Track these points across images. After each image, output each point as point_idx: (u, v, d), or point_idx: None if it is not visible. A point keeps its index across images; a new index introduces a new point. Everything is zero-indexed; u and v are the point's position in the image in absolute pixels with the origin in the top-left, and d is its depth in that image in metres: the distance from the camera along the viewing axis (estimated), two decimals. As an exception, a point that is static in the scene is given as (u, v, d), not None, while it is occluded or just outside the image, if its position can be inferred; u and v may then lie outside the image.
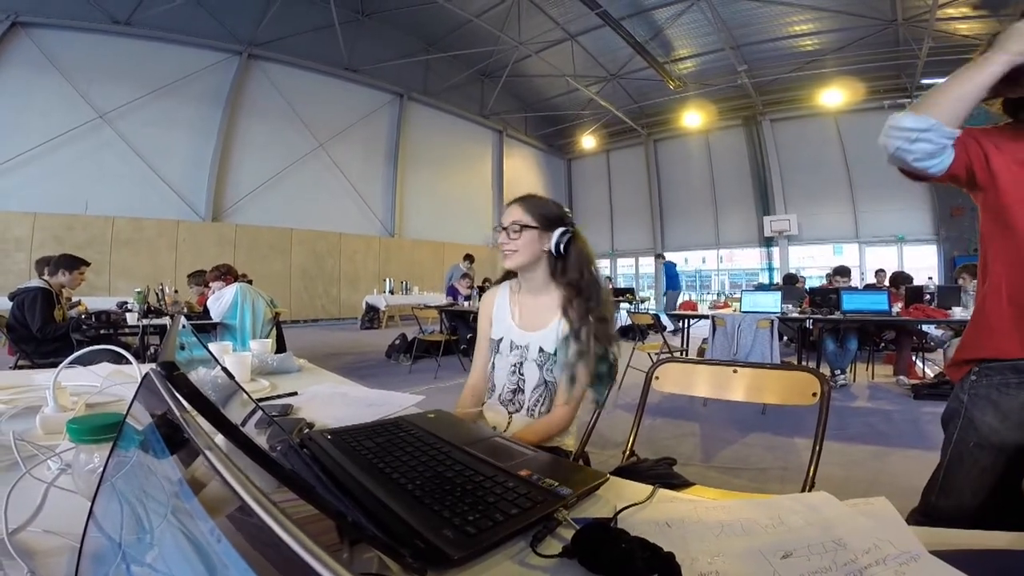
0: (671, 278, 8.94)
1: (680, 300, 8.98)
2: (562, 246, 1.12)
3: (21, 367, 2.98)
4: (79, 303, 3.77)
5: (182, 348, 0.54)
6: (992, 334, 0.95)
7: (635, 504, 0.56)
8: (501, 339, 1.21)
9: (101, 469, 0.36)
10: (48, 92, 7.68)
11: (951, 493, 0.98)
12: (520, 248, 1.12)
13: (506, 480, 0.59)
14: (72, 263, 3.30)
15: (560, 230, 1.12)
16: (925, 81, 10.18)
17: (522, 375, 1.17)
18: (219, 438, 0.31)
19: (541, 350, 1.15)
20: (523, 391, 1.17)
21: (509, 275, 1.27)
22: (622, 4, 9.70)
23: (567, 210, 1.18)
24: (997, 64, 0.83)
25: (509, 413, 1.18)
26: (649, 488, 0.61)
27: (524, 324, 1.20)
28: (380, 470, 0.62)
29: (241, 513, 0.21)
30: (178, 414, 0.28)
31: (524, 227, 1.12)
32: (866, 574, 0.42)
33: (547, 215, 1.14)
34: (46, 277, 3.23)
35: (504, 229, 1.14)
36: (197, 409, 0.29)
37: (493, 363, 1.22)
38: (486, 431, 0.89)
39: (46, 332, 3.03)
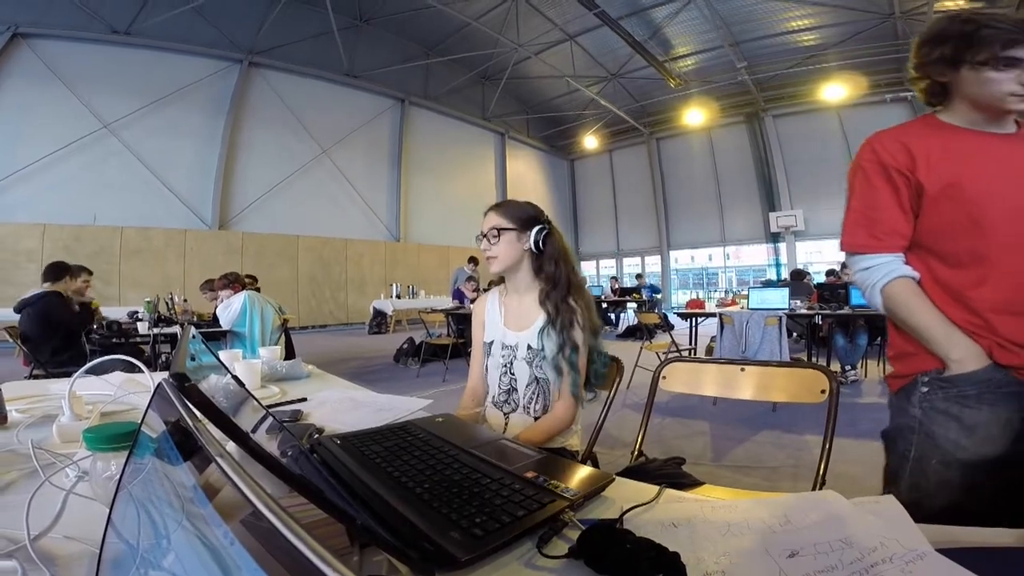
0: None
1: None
2: (540, 242, 1.16)
3: (36, 377, 3.03)
4: (93, 301, 3.80)
5: (192, 358, 0.55)
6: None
7: (641, 504, 0.57)
8: (492, 342, 1.24)
9: (118, 476, 0.37)
10: (52, 103, 7.77)
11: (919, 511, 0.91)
12: (500, 253, 1.17)
13: (513, 482, 0.59)
14: (75, 271, 3.38)
15: (537, 227, 1.16)
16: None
17: (513, 375, 1.20)
18: (230, 446, 0.32)
19: (529, 347, 1.18)
20: (516, 390, 1.20)
21: (501, 279, 1.30)
22: (619, 4, 9.70)
23: (541, 209, 1.22)
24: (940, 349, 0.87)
25: (505, 415, 1.20)
26: (656, 488, 0.62)
27: (512, 324, 1.22)
28: (389, 474, 0.63)
29: (253, 518, 0.22)
30: (190, 424, 0.29)
31: (502, 230, 1.16)
32: (872, 572, 0.42)
33: (522, 216, 1.18)
34: (47, 287, 3.27)
35: (484, 236, 1.18)
36: (208, 418, 0.30)
37: (487, 366, 1.25)
38: (493, 434, 0.89)
39: (83, 327, 3.13)
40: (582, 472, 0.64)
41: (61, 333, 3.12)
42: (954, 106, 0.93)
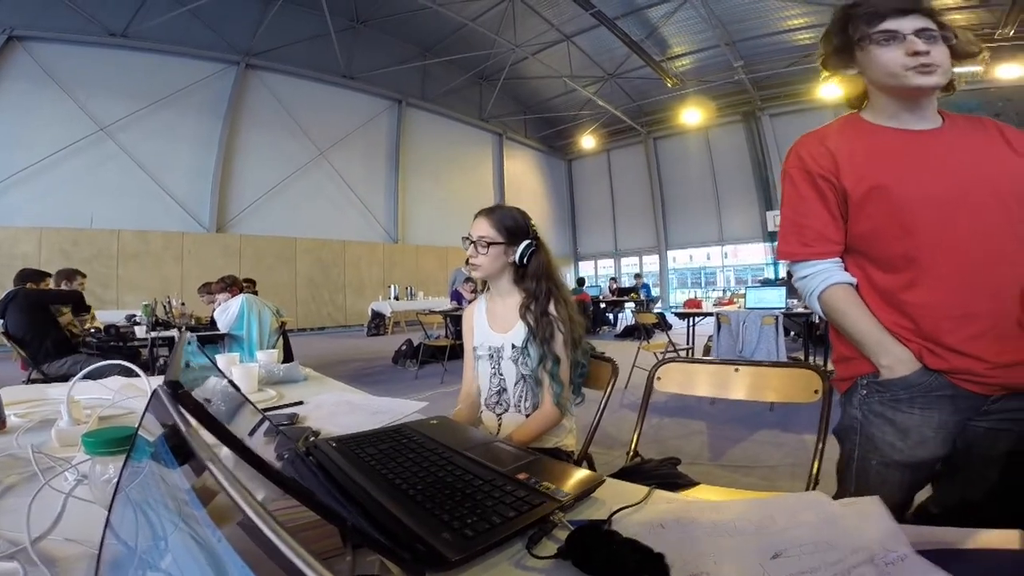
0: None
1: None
2: (525, 258, 1.19)
3: (34, 382, 3.03)
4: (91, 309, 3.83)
5: (187, 364, 0.56)
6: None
7: (630, 506, 0.57)
8: (480, 345, 1.28)
9: (116, 480, 0.38)
10: (48, 106, 7.75)
11: None
12: (485, 263, 1.21)
13: (504, 483, 0.60)
14: (68, 273, 3.40)
15: (525, 243, 1.20)
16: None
17: (502, 375, 1.23)
18: (224, 451, 0.33)
19: (513, 346, 1.21)
20: (506, 390, 1.23)
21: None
22: (616, 3, 9.72)
23: (531, 220, 1.25)
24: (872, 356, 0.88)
25: (498, 416, 1.23)
26: (646, 489, 0.63)
27: (496, 326, 1.26)
28: (382, 476, 0.64)
29: (246, 522, 0.23)
30: (184, 431, 0.30)
31: (491, 244, 1.19)
32: (853, 574, 0.42)
33: (512, 228, 1.21)
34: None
35: (472, 243, 1.21)
36: (203, 425, 0.31)
37: (477, 370, 1.28)
38: (486, 436, 0.91)
39: (75, 305, 3.14)
40: (573, 474, 0.65)
41: (52, 326, 3.10)
42: (873, 101, 0.91)
